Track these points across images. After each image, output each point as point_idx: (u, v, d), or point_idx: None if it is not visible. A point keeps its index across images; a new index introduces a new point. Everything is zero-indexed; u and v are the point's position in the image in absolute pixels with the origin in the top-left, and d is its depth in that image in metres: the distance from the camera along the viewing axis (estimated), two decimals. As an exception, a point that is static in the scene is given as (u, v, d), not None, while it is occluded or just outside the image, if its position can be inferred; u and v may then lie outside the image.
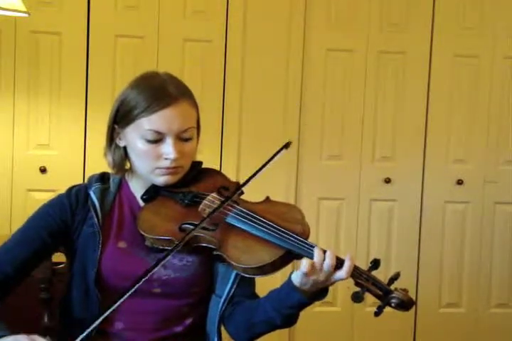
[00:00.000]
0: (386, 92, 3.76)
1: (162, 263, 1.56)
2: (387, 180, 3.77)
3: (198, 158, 1.86)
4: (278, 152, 1.72)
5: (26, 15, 2.92)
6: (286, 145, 1.74)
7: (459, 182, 3.82)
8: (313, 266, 1.55)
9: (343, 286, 3.59)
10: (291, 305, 1.62)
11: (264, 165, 1.70)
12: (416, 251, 3.82)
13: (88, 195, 1.77)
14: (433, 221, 3.83)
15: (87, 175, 1.86)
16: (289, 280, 1.62)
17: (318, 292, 1.62)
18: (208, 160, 3.37)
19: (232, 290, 1.72)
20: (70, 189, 1.79)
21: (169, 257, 1.58)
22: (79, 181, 1.87)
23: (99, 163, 1.85)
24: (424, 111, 3.79)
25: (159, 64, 3.47)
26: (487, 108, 3.83)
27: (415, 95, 3.77)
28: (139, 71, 1.83)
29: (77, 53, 3.47)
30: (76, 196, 1.77)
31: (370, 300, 1.61)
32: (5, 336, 1.55)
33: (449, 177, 3.82)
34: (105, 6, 3.48)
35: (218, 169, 1.95)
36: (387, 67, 3.75)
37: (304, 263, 1.56)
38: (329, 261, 1.55)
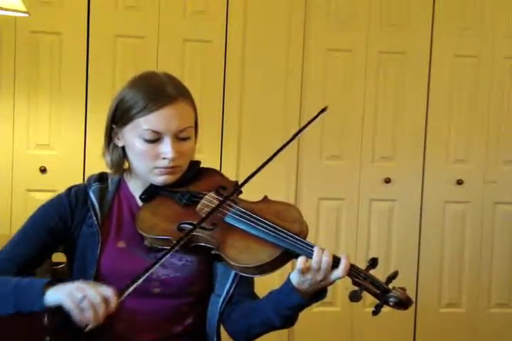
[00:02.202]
0: (386, 92, 3.75)
1: (161, 262, 1.56)
2: (387, 180, 3.77)
3: (198, 157, 1.86)
4: (316, 117, 1.72)
5: (26, 15, 2.92)
6: (323, 110, 1.75)
7: (459, 182, 3.82)
8: (309, 267, 1.55)
9: (343, 286, 3.59)
10: (290, 306, 1.62)
11: (296, 134, 1.71)
12: (416, 251, 3.82)
13: (87, 194, 1.77)
14: (433, 221, 3.82)
15: (87, 175, 1.87)
16: (288, 281, 1.62)
17: (317, 293, 1.62)
18: (208, 160, 3.37)
19: (232, 289, 1.72)
20: (69, 189, 1.80)
21: (168, 256, 1.58)
22: (79, 181, 1.88)
23: (99, 163, 1.85)
24: (424, 111, 3.79)
25: (159, 64, 3.47)
26: (487, 108, 3.83)
27: (415, 95, 3.77)
28: (139, 71, 1.83)
29: (77, 53, 3.47)
30: (75, 196, 1.77)
31: (370, 300, 1.61)
32: (53, 281, 1.60)
33: (449, 177, 3.82)
34: (105, 6, 3.48)
35: (218, 169, 1.95)
36: (387, 67, 3.75)
37: (299, 260, 1.56)
38: (326, 259, 1.55)
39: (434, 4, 3.74)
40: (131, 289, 1.54)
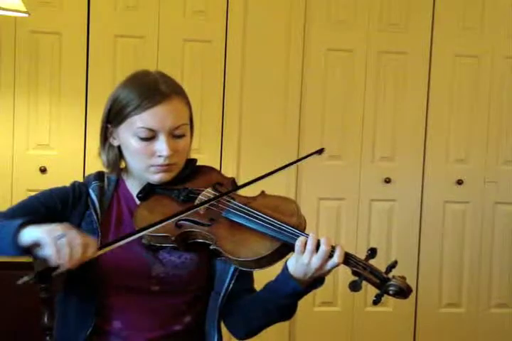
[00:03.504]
0: (386, 92, 3.76)
1: (155, 227, 1.58)
2: (387, 180, 3.77)
3: (198, 157, 1.87)
4: (309, 155, 1.73)
5: (26, 15, 2.92)
6: (319, 151, 1.75)
7: (459, 182, 3.82)
8: (305, 247, 1.57)
9: (343, 286, 3.60)
10: (286, 294, 1.63)
11: (288, 165, 1.72)
12: (416, 251, 3.82)
13: (88, 193, 1.77)
14: (433, 221, 3.82)
15: (87, 174, 1.87)
16: (285, 269, 1.63)
17: (314, 281, 1.62)
18: (208, 159, 3.39)
19: (231, 286, 1.73)
20: (74, 183, 1.81)
21: (167, 255, 1.60)
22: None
23: (99, 163, 1.85)
24: (424, 111, 3.79)
25: (159, 64, 3.47)
26: (487, 108, 3.83)
27: (415, 95, 3.77)
28: (139, 71, 1.84)
29: (77, 53, 3.47)
30: (79, 189, 1.79)
31: (370, 300, 1.61)
32: (31, 221, 1.54)
33: (449, 177, 3.82)
34: (105, 6, 3.48)
35: (218, 168, 1.95)
36: (387, 67, 3.75)
37: (299, 239, 1.57)
38: (324, 247, 1.57)
39: (434, 4, 3.74)
40: (112, 247, 1.53)
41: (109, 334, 1.73)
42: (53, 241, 1.46)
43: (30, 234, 1.51)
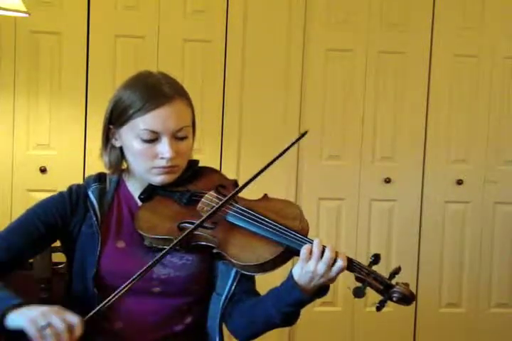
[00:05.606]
0: (386, 92, 3.75)
1: (158, 260, 1.57)
2: (387, 180, 3.77)
3: (198, 157, 1.87)
4: (296, 141, 1.71)
5: (26, 15, 2.92)
6: (303, 134, 1.73)
7: (459, 182, 3.82)
8: (311, 252, 1.56)
9: (343, 286, 3.59)
10: (290, 302, 1.62)
11: (279, 156, 1.69)
12: (416, 251, 3.82)
13: (87, 195, 1.77)
14: (433, 221, 3.82)
15: (87, 174, 1.87)
16: (290, 277, 1.62)
17: (318, 290, 1.62)
18: (208, 160, 3.39)
19: (233, 287, 1.72)
20: (71, 187, 1.80)
21: (166, 255, 1.59)
22: (79, 181, 1.87)
23: (99, 163, 1.85)
24: (424, 111, 3.79)
25: (159, 64, 3.47)
26: (487, 108, 3.83)
27: (415, 95, 3.77)
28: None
29: (77, 53, 3.47)
30: (76, 194, 1.78)
31: (371, 301, 1.61)
32: (21, 304, 1.54)
33: (449, 177, 3.82)
34: (105, 6, 3.48)
35: (218, 169, 1.95)
36: (387, 67, 3.75)
37: (304, 247, 1.57)
38: (329, 253, 1.56)
39: (434, 4, 3.74)
40: (109, 299, 1.53)
41: (110, 335, 1.73)
42: (38, 334, 1.46)
43: (14, 322, 1.51)
